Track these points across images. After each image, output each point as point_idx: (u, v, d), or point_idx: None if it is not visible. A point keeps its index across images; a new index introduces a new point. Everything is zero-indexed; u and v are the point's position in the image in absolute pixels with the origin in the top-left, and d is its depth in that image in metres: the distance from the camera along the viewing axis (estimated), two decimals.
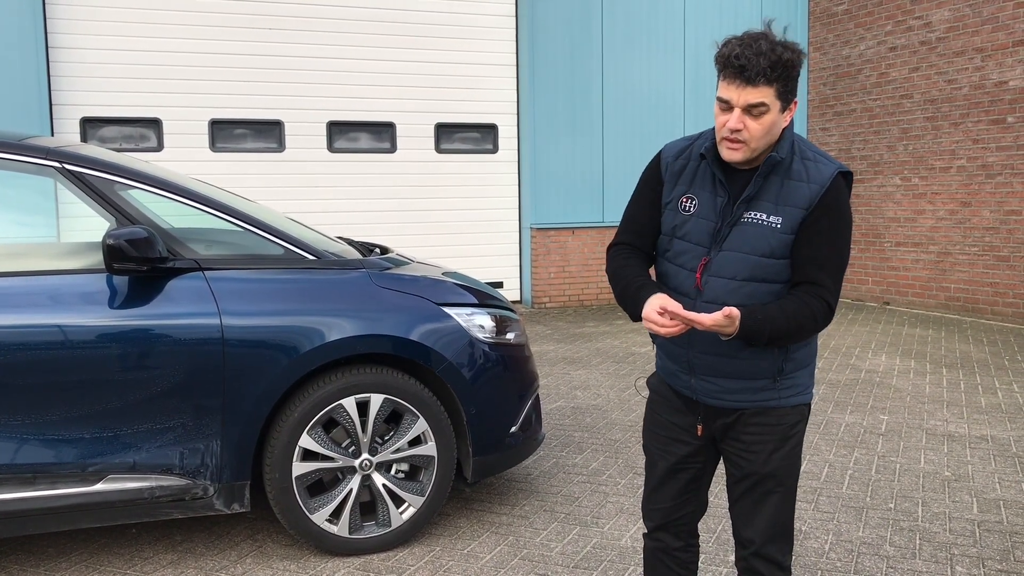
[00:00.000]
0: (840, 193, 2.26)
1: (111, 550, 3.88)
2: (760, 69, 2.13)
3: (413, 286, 3.94)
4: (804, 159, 2.28)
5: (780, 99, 2.20)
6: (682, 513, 2.60)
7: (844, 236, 2.27)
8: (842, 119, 11.56)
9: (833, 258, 2.26)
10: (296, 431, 3.65)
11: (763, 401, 2.38)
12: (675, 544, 2.63)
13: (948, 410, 6.05)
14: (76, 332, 3.39)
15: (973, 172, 9.84)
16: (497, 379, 4.04)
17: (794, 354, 2.36)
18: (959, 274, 10.07)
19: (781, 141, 2.28)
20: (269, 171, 9.80)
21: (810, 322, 2.23)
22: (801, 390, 2.41)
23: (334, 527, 3.75)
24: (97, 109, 9.11)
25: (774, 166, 2.26)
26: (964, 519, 4.15)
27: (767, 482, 2.40)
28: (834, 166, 2.28)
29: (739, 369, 2.35)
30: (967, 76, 9.83)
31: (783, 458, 2.40)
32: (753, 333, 2.20)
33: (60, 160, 3.56)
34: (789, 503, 2.44)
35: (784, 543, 2.45)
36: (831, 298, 2.25)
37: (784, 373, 2.36)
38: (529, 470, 4.90)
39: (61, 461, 3.39)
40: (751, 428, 2.40)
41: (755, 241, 2.25)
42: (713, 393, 2.40)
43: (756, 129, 2.20)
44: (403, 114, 10.29)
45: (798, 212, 2.24)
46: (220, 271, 3.62)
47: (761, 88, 2.16)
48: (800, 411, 2.42)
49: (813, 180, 2.25)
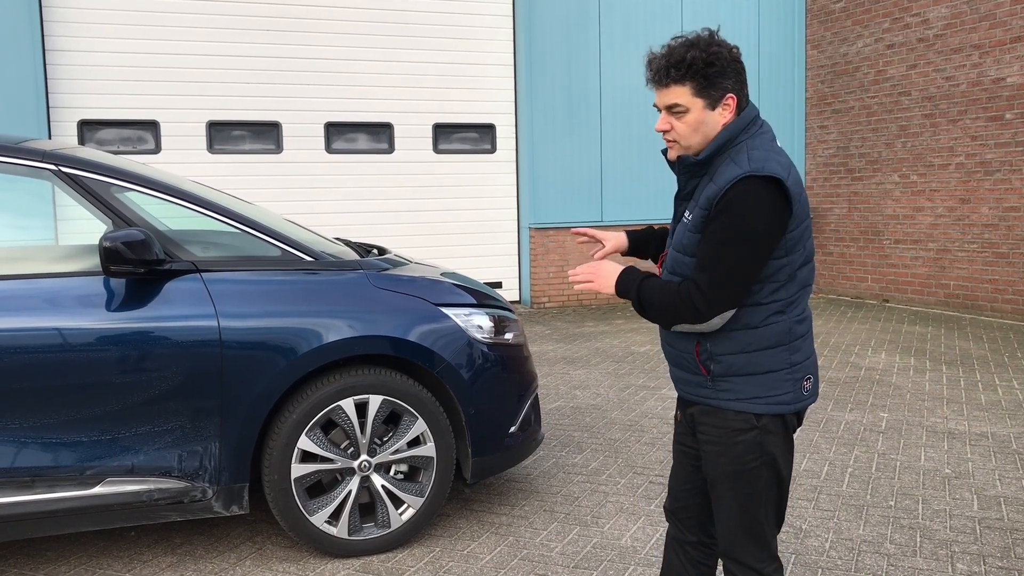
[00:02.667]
0: (738, 198, 2.17)
1: (110, 553, 3.87)
2: (664, 71, 2.25)
3: (411, 287, 3.93)
4: (732, 161, 2.24)
5: (700, 97, 2.25)
6: (687, 503, 2.61)
7: (727, 243, 2.19)
8: (840, 117, 11.55)
9: (713, 264, 2.21)
10: (295, 433, 3.64)
11: (704, 398, 2.41)
12: (688, 538, 2.64)
13: (948, 407, 6.04)
14: (73, 335, 3.38)
15: (972, 169, 9.83)
16: (496, 379, 4.03)
17: (721, 356, 2.33)
18: (958, 271, 10.07)
19: (711, 142, 2.30)
20: (267, 172, 9.79)
21: (672, 307, 2.28)
22: (744, 396, 2.34)
23: (333, 529, 3.75)
24: (95, 112, 9.10)
25: (691, 167, 2.32)
26: (964, 516, 4.14)
27: (717, 486, 2.42)
28: (744, 169, 2.19)
29: (678, 359, 2.45)
30: (965, 73, 9.83)
31: (730, 465, 2.36)
32: (625, 284, 2.35)
33: (56, 163, 3.55)
34: (746, 512, 2.39)
35: (755, 548, 2.40)
36: (699, 298, 2.22)
37: (713, 375, 2.35)
38: (529, 470, 4.89)
39: (59, 464, 3.39)
40: (703, 427, 2.43)
41: (679, 238, 2.36)
42: (675, 381, 2.52)
43: (682, 128, 2.29)
44: (401, 115, 10.28)
45: (703, 212, 2.27)
46: (217, 273, 3.61)
47: (673, 89, 2.26)
48: (746, 419, 2.34)
49: (718, 181, 2.23)
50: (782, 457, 2.40)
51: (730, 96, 2.27)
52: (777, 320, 2.31)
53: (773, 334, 2.32)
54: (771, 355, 2.33)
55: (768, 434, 2.36)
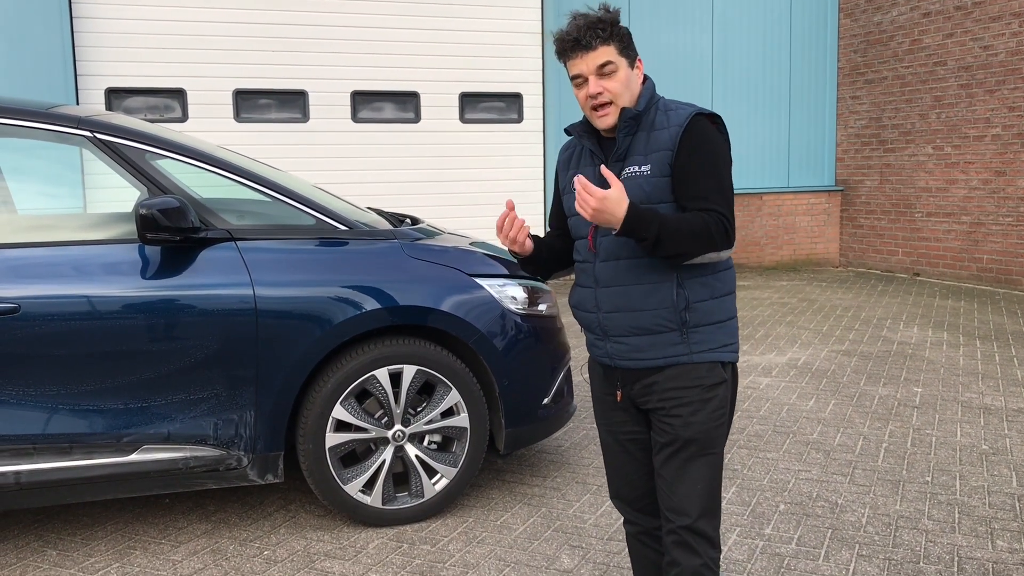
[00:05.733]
0: (703, 130, 2.30)
1: (145, 519, 3.90)
2: (591, 32, 2.29)
3: (445, 257, 3.90)
4: (666, 111, 2.35)
5: (623, 56, 2.33)
6: (647, 488, 2.53)
7: (720, 167, 2.29)
8: (873, 87, 11.35)
9: (721, 188, 2.28)
10: (329, 402, 3.63)
11: (675, 357, 2.33)
12: (653, 524, 2.55)
13: (983, 383, 5.96)
14: (109, 303, 3.38)
15: (1008, 140, 9.64)
16: (529, 351, 4.00)
17: (696, 304, 2.32)
18: (992, 245, 9.91)
19: (640, 97, 2.37)
20: (293, 142, 9.76)
21: (703, 230, 2.21)
22: (715, 346, 2.35)
23: (367, 498, 3.75)
24: (122, 80, 9.09)
25: (630, 120, 2.33)
26: (1003, 493, 4.08)
27: (689, 447, 2.33)
28: (693, 108, 2.34)
29: (644, 323, 2.34)
30: (1003, 42, 9.60)
31: (704, 422, 2.33)
32: (642, 222, 2.18)
33: (91, 129, 3.53)
34: (715, 471, 2.37)
35: (714, 516, 2.37)
36: (726, 215, 2.25)
37: (688, 324, 2.32)
38: (560, 442, 4.88)
39: (96, 431, 3.40)
40: (669, 391, 2.34)
41: (631, 192, 2.27)
42: (626, 354, 2.39)
43: (614, 86, 2.31)
44: (427, 83, 10.19)
45: (664, 154, 2.29)
46: (252, 241, 3.59)
47: (601, 49, 2.30)
48: (716, 371, 2.35)
49: (672, 124, 2.31)
50: (732, 410, 2.46)
51: (639, 60, 2.38)
52: (729, 264, 2.42)
53: (731, 278, 2.42)
54: (729, 301, 2.41)
55: (730, 385, 2.42)
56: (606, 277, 2.37)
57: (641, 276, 2.33)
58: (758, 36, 11.52)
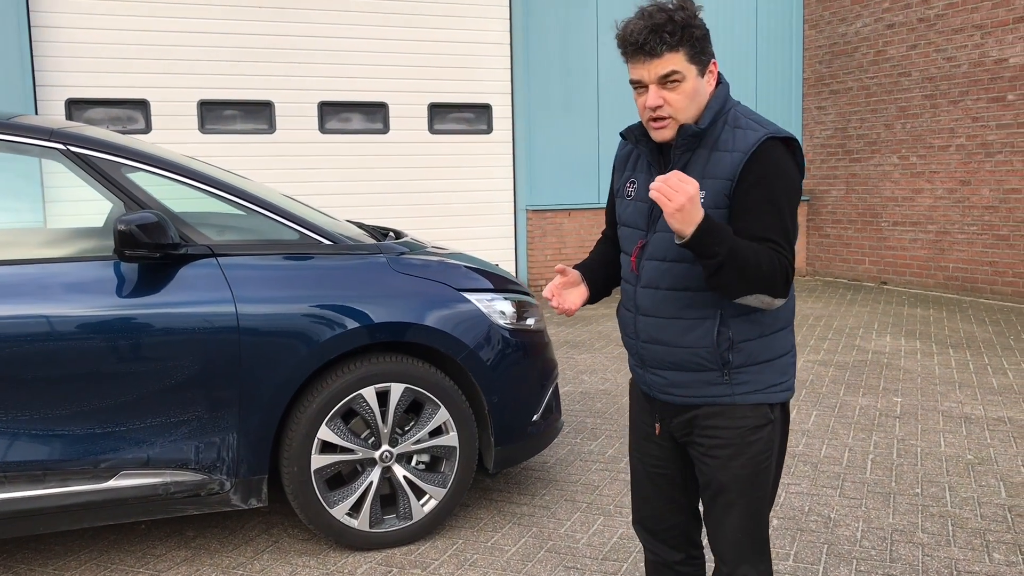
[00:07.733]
0: (774, 159, 2.04)
1: (121, 547, 3.73)
2: (657, 38, 2.01)
3: (432, 272, 3.80)
4: (735, 127, 2.09)
5: (693, 63, 2.06)
6: (673, 522, 2.41)
7: (784, 204, 2.04)
8: (838, 97, 11.46)
9: (778, 228, 2.02)
10: (315, 423, 3.51)
11: (715, 398, 2.15)
12: (674, 557, 2.43)
13: (961, 392, 5.99)
14: (85, 322, 3.23)
15: (972, 150, 9.77)
16: (518, 366, 3.91)
17: (742, 343, 2.12)
18: (958, 253, 10.03)
19: (706, 110, 2.11)
20: (259, 153, 9.58)
21: (770, 270, 1.97)
22: (761, 387, 2.16)
23: (354, 521, 3.63)
24: (82, 90, 8.85)
25: (691, 138, 2.09)
26: (994, 504, 4.08)
27: (727, 493, 2.18)
28: (764, 131, 2.07)
29: (682, 359, 2.15)
30: (966, 53, 9.75)
31: (743, 467, 2.16)
32: (715, 236, 1.92)
33: (64, 141, 3.38)
34: (756, 519, 2.21)
35: (760, 559, 2.24)
36: (789, 264, 2.01)
37: (732, 365, 2.13)
38: (545, 458, 4.79)
39: (72, 457, 3.24)
40: (708, 430, 2.18)
41: None
42: (663, 387, 2.22)
43: (677, 100, 2.06)
44: (396, 94, 10.08)
45: (723, 184, 2.05)
46: (234, 257, 3.46)
47: (667, 57, 2.03)
48: (762, 412, 2.17)
49: (738, 147, 2.05)
50: (783, 448, 2.29)
51: (714, 62, 2.12)
52: (790, 296, 2.16)
53: (787, 311, 2.20)
54: (782, 337, 2.20)
55: (779, 426, 2.23)
56: (646, 305, 2.19)
57: (681, 310, 2.14)
58: (723, 47, 11.58)
